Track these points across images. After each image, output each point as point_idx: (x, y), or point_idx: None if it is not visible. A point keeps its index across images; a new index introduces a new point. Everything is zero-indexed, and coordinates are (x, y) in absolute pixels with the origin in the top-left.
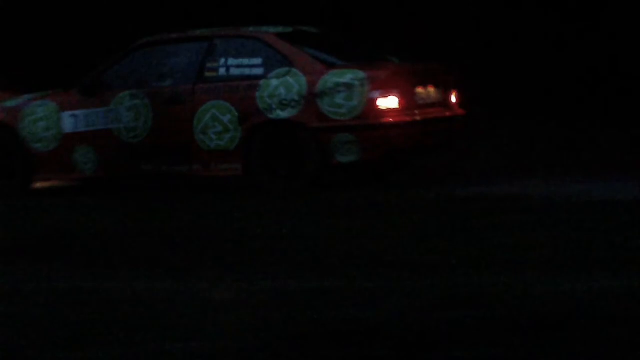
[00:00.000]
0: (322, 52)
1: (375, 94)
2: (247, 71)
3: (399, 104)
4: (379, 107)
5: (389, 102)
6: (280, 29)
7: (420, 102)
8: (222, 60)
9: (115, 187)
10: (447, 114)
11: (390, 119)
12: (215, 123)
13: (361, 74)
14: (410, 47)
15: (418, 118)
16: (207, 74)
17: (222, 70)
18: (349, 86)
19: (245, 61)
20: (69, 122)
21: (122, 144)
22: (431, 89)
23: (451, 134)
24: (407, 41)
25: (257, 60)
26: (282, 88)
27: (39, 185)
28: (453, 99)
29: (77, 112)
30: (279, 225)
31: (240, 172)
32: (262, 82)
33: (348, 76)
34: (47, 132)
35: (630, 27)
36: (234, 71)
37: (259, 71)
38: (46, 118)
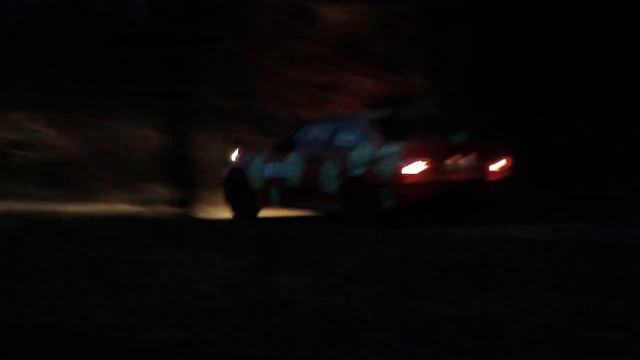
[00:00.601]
0: (392, 131)
1: (403, 161)
2: (346, 143)
3: (420, 169)
4: (404, 172)
5: (412, 168)
6: (376, 115)
7: (449, 168)
8: (336, 134)
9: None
10: (478, 177)
11: (411, 180)
12: (328, 176)
13: (397, 148)
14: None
15: (434, 179)
16: (329, 143)
17: (335, 141)
18: (390, 155)
19: (346, 136)
20: (267, 170)
21: (288, 187)
22: (462, 159)
23: (481, 192)
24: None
25: (352, 136)
26: (358, 155)
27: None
28: (494, 166)
29: (272, 164)
30: None
31: (338, 209)
32: (351, 150)
33: (390, 149)
34: (258, 176)
35: None
36: (340, 142)
37: (351, 143)
38: (259, 167)
